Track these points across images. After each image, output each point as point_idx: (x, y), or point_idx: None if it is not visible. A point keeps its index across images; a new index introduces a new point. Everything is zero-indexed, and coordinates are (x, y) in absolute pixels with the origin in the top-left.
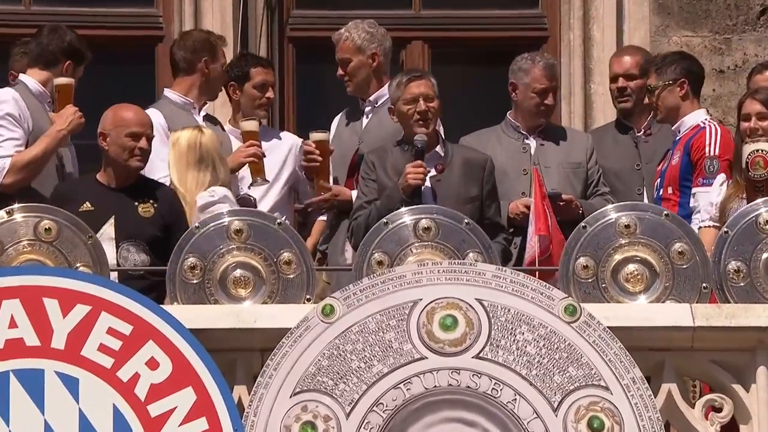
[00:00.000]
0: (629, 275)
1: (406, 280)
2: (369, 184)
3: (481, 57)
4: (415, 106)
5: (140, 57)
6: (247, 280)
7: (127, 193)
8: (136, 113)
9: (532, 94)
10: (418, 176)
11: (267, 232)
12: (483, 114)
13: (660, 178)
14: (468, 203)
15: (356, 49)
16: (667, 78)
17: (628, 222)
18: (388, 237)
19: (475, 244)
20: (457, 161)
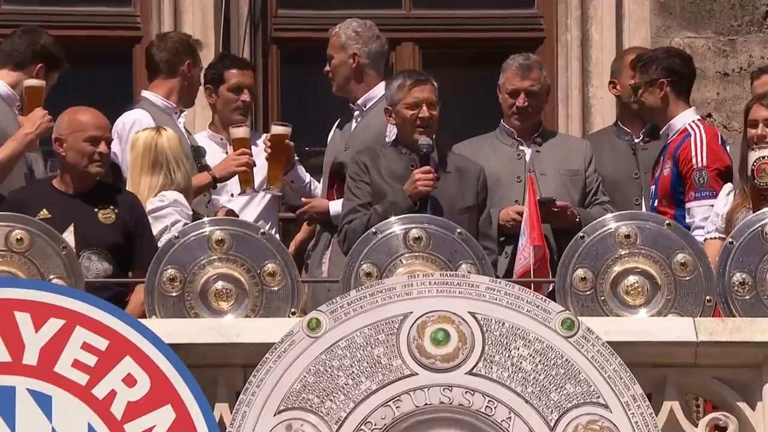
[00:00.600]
0: (629, 288)
1: (395, 293)
2: (361, 186)
3: (474, 59)
4: (417, 112)
5: (117, 58)
6: (229, 293)
7: (85, 199)
8: (93, 116)
9: (504, 95)
10: (428, 182)
11: (250, 242)
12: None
13: (654, 187)
14: (463, 213)
15: (340, 46)
16: (648, 77)
17: (628, 232)
18: (377, 247)
19: (467, 255)
20: (452, 170)
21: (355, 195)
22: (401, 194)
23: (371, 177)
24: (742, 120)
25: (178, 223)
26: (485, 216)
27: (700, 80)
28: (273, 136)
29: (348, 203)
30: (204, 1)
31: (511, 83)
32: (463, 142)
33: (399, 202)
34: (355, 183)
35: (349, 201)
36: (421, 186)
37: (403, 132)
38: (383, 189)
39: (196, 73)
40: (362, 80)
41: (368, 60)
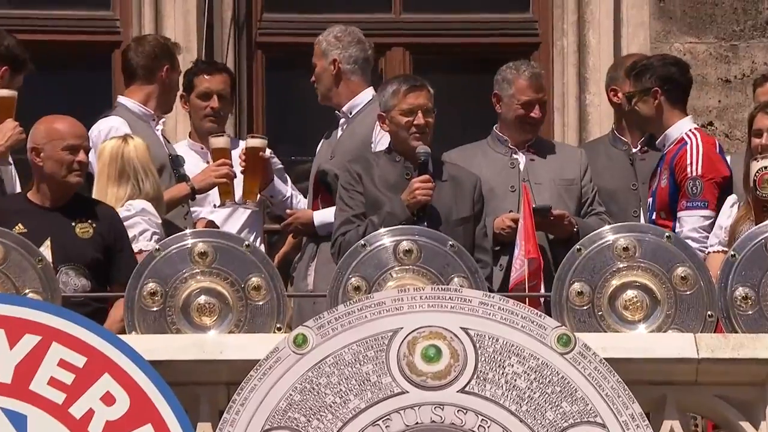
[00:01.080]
0: (628, 302)
1: (385, 308)
2: (355, 196)
3: (466, 65)
4: (413, 119)
5: (96, 64)
6: (212, 308)
7: (62, 212)
8: (71, 124)
9: (516, 106)
10: (427, 192)
11: (234, 255)
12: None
13: (651, 199)
14: (458, 225)
15: (321, 53)
16: (641, 86)
17: (626, 244)
18: (366, 260)
19: (460, 268)
20: (447, 179)
21: (349, 205)
22: (399, 204)
23: (365, 186)
24: (744, 129)
25: (146, 233)
26: (481, 227)
27: (701, 87)
28: (248, 149)
29: (341, 214)
30: (186, 5)
31: (524, 94)
32: (454, 149)
33: (397, 212)
34: (348, 193)
35: (342, 212)
36: (420, 195)
37: (397, 139)
38: (378, 199)
39: (174, 78)
40: (345, 87)
41: (349, 65)
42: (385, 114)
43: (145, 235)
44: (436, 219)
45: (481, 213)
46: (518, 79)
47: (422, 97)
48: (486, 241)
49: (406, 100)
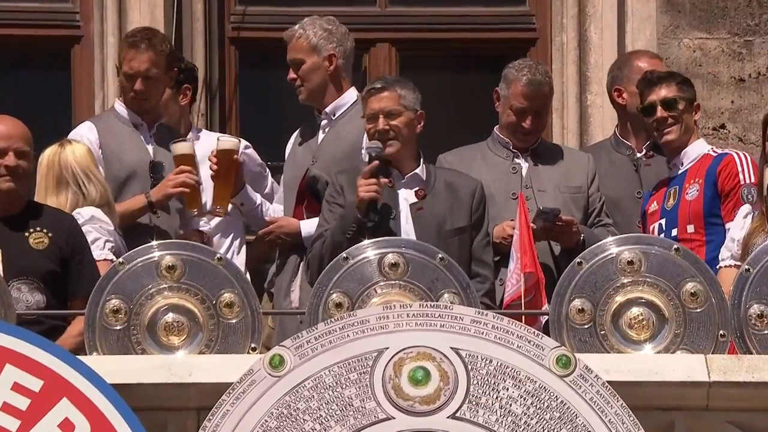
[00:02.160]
0: (633, 320)
1: (369, 326)
2: (334, 209)
3: (457, 62)
4: (374, 125)
5: (54, 60)
6: (180, 326)
7: (13, 222)
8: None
9: (509, 111)
10: (370, 188)
11: (205, 268)
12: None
13: (667, 218)
14: (453, 236)
15: (311, 48)
16: (688, 94)
17: (631, 257)
18: (349, 274)
19: (450, 283)
20: (441, 186)
21: (327, 220)
22: (350, 206)
23: (346, 199)
24: (759, 131)
25: (98, 241)
26: (481, 238)
27: (713, 87)
28: (220, 151)
29: (318, 229)
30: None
31: (517, 100)
32: (450, 152)
33: (347, 214)
34: (329, 206)
35: (319, 226)
36: (362, 193)
37: None
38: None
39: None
40: (338, 84)
41: (344, 61)
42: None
43: (98, 244)
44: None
45: (482, 222)
46: (515, 83)
47: (384, 100)
48: (487, 253)
49: (368, 106)
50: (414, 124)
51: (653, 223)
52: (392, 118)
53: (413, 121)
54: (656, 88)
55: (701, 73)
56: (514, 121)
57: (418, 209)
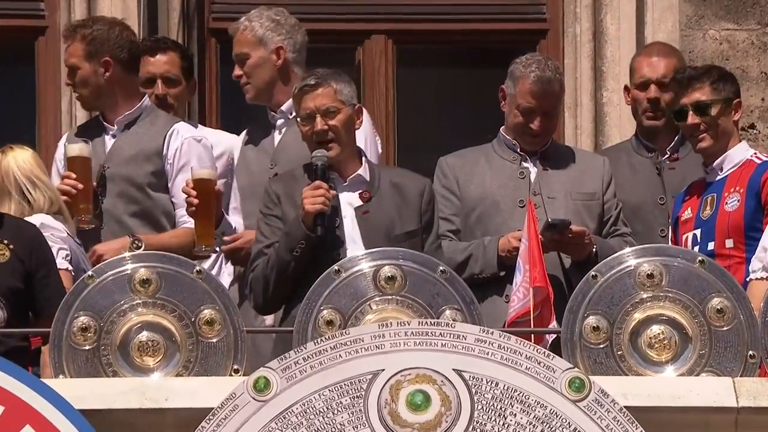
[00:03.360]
0: (653, 339)
1: (363, 346)
2: (271, 222)
3: (460, 56)
4: (311, 126)
5: (16, 54)
6: (156, 346)
7: None
8: None
9: (515, 111)
10: (316, 200)
11: (182, 282)
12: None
13: (702, 229)
14: (403, 241)
15: (256, 41)
16: (725, 94)
17: (651, 270)
18: (341, 289)
19: (452, 299)
20: (387, 187)
21: (264, 234)
22: (295, 221)
23: (284, 210)
24: None
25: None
26: (432, 242)
27: (741, 83)
28: (197, 182)
29: (255, 246)
30: None
31: (525, 99)
32: (452, 154)
33: (293, 230)
34: (265, 219)
35: (257, 243)
36: (308, 205)
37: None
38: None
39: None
40: (289, 80)
41: (294, 54)
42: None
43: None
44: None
45: (432, 224)
46: (522, 80)
47: (320, 97)
48: (438, 256)
49: (302, 104)
50: (353, 120)
51: (686, 232)
52: (331, 116)
53: (352, 117)
54: (688, 89)
55: (728, 68)
56: (521, 121)
57: (364, 213)
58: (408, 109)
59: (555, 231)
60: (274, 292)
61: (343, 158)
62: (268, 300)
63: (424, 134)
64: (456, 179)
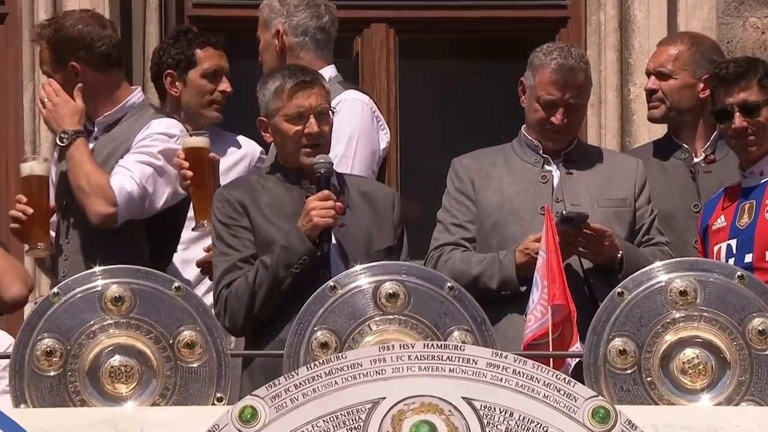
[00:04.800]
0: (687, 364)
1: (362, 371)
2: (239, 233)
3: (469, 47)
4: (303, 127)
5: None
6: (129, 372)
7: None
8: None
9: (536, 105)
10: (326, 212)
11: (159, 300)
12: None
13: (739, 239)
14: (381, 258)
15: (263, 23)
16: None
17: (684, 287)
18: (337, 308)
19: (461, 318)
20: (358, 197)
21: (232, 246)
22: (296, 234)
23: (252, 219)
24: None
25: None
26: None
27: None
28: (189, 151)
29: (223, 259)
30: None
31: (546, 90)
32: (467, 155)
33: (295, 245)
34: (230, 230)
35: (224, 256)
36: (317, 218)
37: (285, 153)
38: (270, 234)
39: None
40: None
41: (297, 38)
42: (266, 119)
43: None
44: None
45: (402, 238)
46: (543, 69)
47: (314, 96)
48: None
49: (292, 102)
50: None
51: (718, 243)
52: (323, 120)
53: (332, 124)
54: (733, 87)
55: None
56: (542, 116)
57: (340, 226)
58: (412, 107)
59: (571, 225)
60: (260, 311)
61: None
62: (251, 320)
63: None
64: (471, 182)
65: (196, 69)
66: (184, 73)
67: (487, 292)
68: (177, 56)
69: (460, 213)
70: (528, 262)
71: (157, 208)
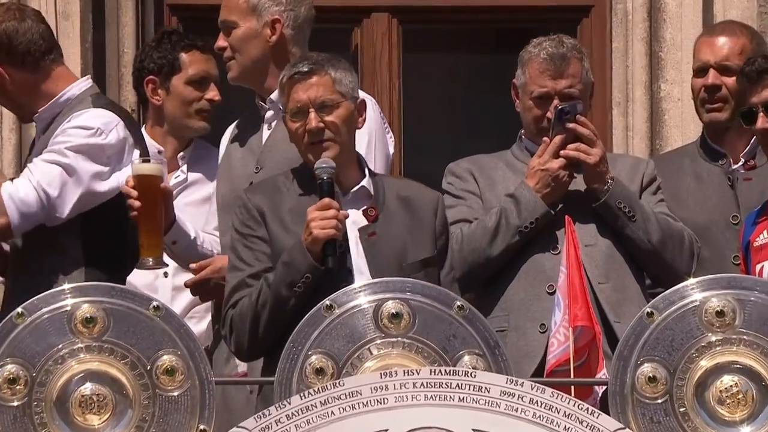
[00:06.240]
0: (724, 393)
1: (361, 400)
2: (254, 244)
3: (479, 39)
4: (302, 122)
5: None
6: (102, 401)
7: None
8: None
9: (529, 103)
10: (328, 224)
11: (136, 321)
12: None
13: None
14: (418, 271)
15: (248, 7)
16: None
17: (721, 306)
18: (333, 329)
19: (472, 341)
20: (394, 202)
21: (244, 260)
22: (298, 249)
23: (270, 230)
24: None
25: None
26: (447, 273)
27: None
28: (140, 178)
29: (232, 275)
30: None
31: (537, 83)
32: (463, 160)
33: (296, 261)
34: (245, 240)
35: (234, 271)
36: (317, 230)
37: (300, 153)
38: (286, 245)
39: None
40: (284, 62)
41: (293, 31)
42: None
43: None
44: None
45: (446, 250)
46: (532, 61)
47: (314, 87)
48: (454, 291)
49: (292, 97)
50: (355, 117)
51: (762, 261)
52: (327, 111)
53: (353, 114)
54: (757, 85)
55: None
56: (538, 114)
57: (370, 235)
58: (416, 103)
59: (569, 117)
60: (264, 334)
61: (341, 164)
62: (256, 343)
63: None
64: (476, 180)
65: (180, 75)
66: (167, 80)
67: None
68: (159, 61)
69: (470, 215)
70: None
71: (65, 212)
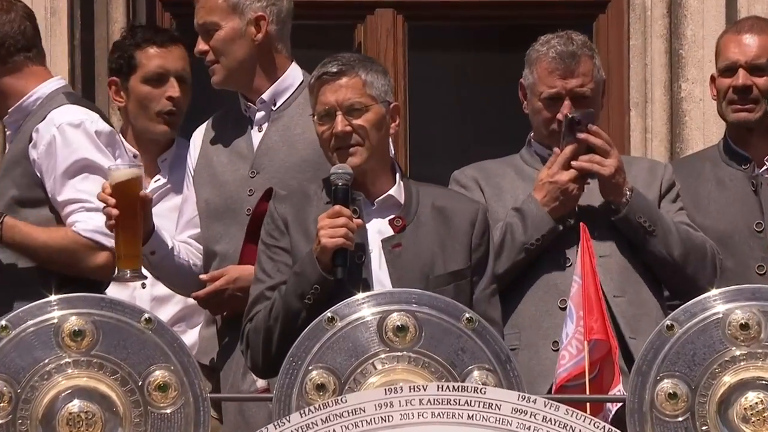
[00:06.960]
0: (749, 411)
1: (364, 417)
2: (277, 255)
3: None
4: (330, 126)
5: None
6: (91, 419)
7: None
8: None
9: (538, 104)
10: (336, 232)
11: (126, 335)
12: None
13: None
14: (446, 284)
15: (229, 6)
16: None
17: (746, 319)
18: (335, 343)
19: (482, 356)
20: (428, 212)
21: (266, 272)
22: (308, 258)
23: (293, 241)
24: None
25: None
26: (485, 286)
27: None
28: (118, 186)
29: (254, 288)
30: None
31: (546, 84)
32: (469, 166)
33: (306, 271)
34: (269, 251)
35: (256, 283)
36: (325, 238)
37: (328, 159)
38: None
39: None
40: (271, 60)
41: (278, 26)
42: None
43: None
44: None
45: (485, 263)
46: (540, 60)
47: (343, 89)
48: (494, 307)
49: (319, 100)
50: (387, 122)
51: None
52: (356, 115)
53: (385, 119)
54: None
55: None
56: (547, 117)
57: (395, 247)
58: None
59: (580, 127)
60: (278, 348)
61: (370, 170)
62: (270, 359)
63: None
64: (481, 190)
65: (137, 74)
66: (126, 80)
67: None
68: (118, 60)
69: None
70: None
71: None
